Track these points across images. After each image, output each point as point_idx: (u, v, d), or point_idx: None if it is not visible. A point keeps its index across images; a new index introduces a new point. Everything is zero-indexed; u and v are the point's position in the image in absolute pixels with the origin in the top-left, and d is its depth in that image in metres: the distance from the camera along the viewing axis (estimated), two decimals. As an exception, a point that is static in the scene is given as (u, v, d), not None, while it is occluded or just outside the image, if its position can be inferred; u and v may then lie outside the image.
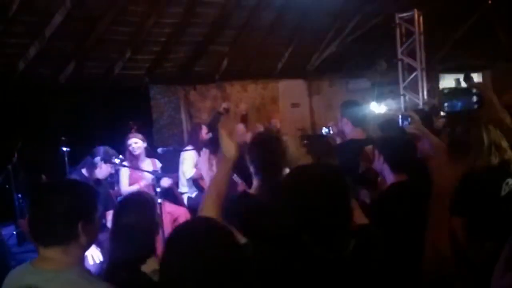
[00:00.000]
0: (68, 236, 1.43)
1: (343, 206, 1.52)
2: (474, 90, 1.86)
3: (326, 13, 8.43)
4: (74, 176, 3.62)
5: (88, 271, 1.50)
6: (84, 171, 3.72)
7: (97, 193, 1.57)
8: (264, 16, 7.89)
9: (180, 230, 1.29)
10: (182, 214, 4.67)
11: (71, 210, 1.44)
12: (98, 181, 3.79)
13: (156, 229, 2.06)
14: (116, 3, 6.21)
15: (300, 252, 1.50)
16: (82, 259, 1.52)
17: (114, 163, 3.85)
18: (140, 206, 2.03)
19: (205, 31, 7.50)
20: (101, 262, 2.91)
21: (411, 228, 2.20)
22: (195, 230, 1.27)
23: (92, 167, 3.69)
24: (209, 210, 1.65)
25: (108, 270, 1.89)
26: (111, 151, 3.86)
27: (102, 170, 3.77)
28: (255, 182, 2.04)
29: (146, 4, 6.54)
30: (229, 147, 1.77)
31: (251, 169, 2.06)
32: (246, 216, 1.85)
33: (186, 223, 1.36)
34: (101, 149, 3.79)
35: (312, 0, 7.93)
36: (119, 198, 3.83)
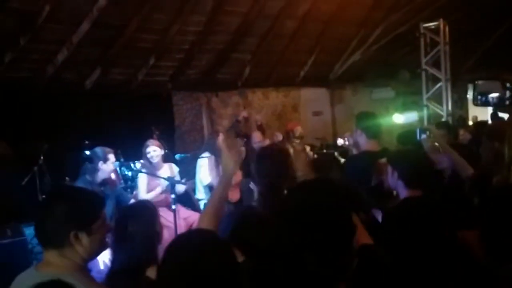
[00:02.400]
0: (61, 242, 1.48)
1: (346, 223, 1.50)
2: (508, 85, 1.80)
3: (350, 21, 8.39)
4: (79, 183, 3.66)
5: (88, 274, 1.53)
6: (87, 176, 3.77)
7: (102, 202, 1.61)
8: (287, 24, 7.91)
9: (178, 241, 1.30)
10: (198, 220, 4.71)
11: (64, 219, 1.48)
12: (103, 182, 3.83)
13: (157, 238, 2.09)
14: (140, 11, 6.35)
15: (301, 271, 1.49)
16: (83, 264, 1.55)
17: (129, 166, 3.91)
18: (141, 215, 2.07)
19: (227, 39, 7.58)
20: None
21: (421, 244, 2.15)
22: (192, 242, 1.27)
23: (94, 171, 3.73)
24: (204, 226, 1.65)
25: (110, 276, 1.93)
26: (106, 149, 3.89)
27: (104, 171, 3.80)
28: (256, 194, 2.04)
29: (170, 12, 6.66)
30: (228, 162, 1.77)
31: (256, 180, 2.06)
32: (246, 231, 1.85)
33: (184, 234, 1.38)
34: (97, 150, 3.83)
35: (335, 8, 7.91)
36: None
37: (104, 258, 3.28)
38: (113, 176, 4.20)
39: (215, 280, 1.18)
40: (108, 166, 3.76)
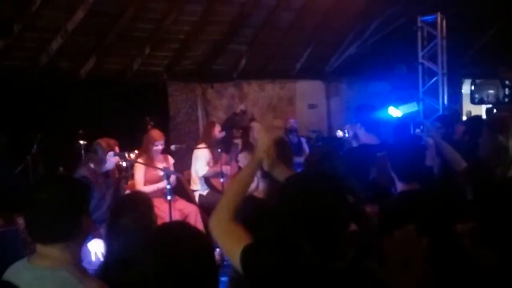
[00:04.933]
0: (71, 232, 1.44)
1: (341, 214, 1.51)
2: (507, 82, 1.79)
3: (347, 14, 8.36)
4: (83, 171, 3.66)
5: (82, 268, 1.51)
6: (92, 165, 3.76)
7: (89, 187, 1.60)
8: (284, 16, 7.86)
9: (153, 233, 1.29)
10: (193, 211, 4.70)
11: (74, 205, 1.46)
12: (106, 173, 3.83)
13: (152, 229, 2.07)
14: (136, 0, 6.28)
15: (300, 260, 1.49)
16: (78, 256, 1.53)
17: (124, 157, 3.91)
18: (136, 206, 2.05)
19: (224, 30, 7.52)
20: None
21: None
22: (167, 233, 1.27)
23: (101, 161, 3.73)
24: (223, 209, 1.61)
25: (104, 268, 1.91)
26: (111, 141, 3.90)
27: (110, 162, 3.83)
28: (262, 185, 2.02)
29: (166, 1, 6.59)
30: (263, 146, 1.72)
31: (258, 172, 2.04)
32: (250, 219, 1.84)
33: (160, 226, 1.37)
34: (103, 142, 3.83)
35: (333, 0, 7.87)
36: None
37: (96, 250, 3.27)
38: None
39: (188, 271, 1.18)
40: (114, 158, 3.79)
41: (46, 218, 1.43)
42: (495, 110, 6.77)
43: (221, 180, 4.71)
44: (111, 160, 3.78)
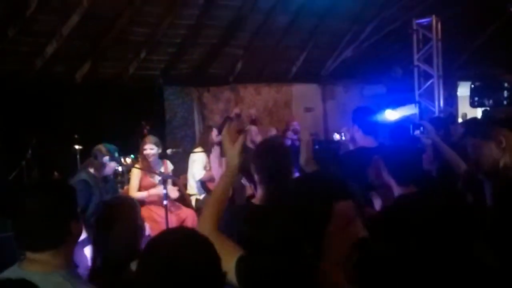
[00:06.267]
0: (60, 238, 1.42)
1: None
2: (506, 85, 1.77)
3: (343, 17, 8.38)
4: (82, 175, 3.65)
5: (75, 273, 1.49)
6: (92, 170, 3.76)
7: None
8: (280, 19, 7.87)
9: (157, 238, 1.27)
10: (189, 216, 4.67)
11: (62, 211, 1.43)
12: (105, 178, 3.84)
13: (139, 233, 2.05)
14: (132, 3, 6.26)
15: (303, 265, 1.47)
16: (70, 260, 1.51)
17: (121, 163, 3.90)
18: (121, 210, 2.03)
19: (220, 33, 7.52)
20: None
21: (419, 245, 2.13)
22: (171, 238, 1.25)
23: (101, 166, 3.74)
24: (206, 220, 1.60)
25: (92, 274, 1.89)
26: (112, 147, 3.91)
27: (110, 167, 3.85)
28: (260, 191, 1.99)
29: (162, 5, 6.58)
30: (231, 154, 1.69)
31: (256, 177, 2.01)
32: (248, 226, 1.82)
33: (164, 231, 1.35)
34: (103, 148, 3.83)
35: (329, 4, 7.89)
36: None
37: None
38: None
39: (192, 277, 1.16)
40: (113, 163, 3.81)
41: (34, 227, 1.41)
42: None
43: (218, 184, 4.67)
44: (110, 165, 3.79)
